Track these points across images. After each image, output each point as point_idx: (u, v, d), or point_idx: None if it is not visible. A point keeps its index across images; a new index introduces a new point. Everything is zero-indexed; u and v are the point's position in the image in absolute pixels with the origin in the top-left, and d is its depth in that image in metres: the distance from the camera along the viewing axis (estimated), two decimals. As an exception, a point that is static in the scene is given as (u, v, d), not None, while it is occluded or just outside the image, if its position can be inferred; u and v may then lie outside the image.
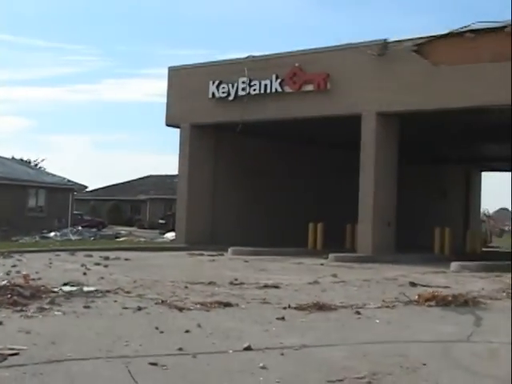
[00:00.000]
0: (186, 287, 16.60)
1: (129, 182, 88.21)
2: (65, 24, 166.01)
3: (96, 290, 15.22)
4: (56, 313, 12.24)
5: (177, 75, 35.83)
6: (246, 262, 26.09)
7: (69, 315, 12.06)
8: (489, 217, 75.36)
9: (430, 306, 14.63)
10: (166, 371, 8.25)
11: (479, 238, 43.82)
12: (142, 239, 43.03)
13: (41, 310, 12.32)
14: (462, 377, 8.60)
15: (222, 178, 36.04)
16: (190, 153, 35.04)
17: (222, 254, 29.42)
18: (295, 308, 13.64)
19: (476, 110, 27.89)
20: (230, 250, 30.44)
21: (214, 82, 33.41)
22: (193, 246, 32.53)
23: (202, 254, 29.16)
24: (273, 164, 38.17)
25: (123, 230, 54.73)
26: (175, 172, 37.40)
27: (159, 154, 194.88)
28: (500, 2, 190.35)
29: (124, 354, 8.96)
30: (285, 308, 13.63)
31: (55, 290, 14.86)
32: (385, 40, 29.19)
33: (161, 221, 63.91)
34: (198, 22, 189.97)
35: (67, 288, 15.22)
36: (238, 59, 34.07)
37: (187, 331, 10.80)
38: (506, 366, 9.22)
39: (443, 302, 14.85)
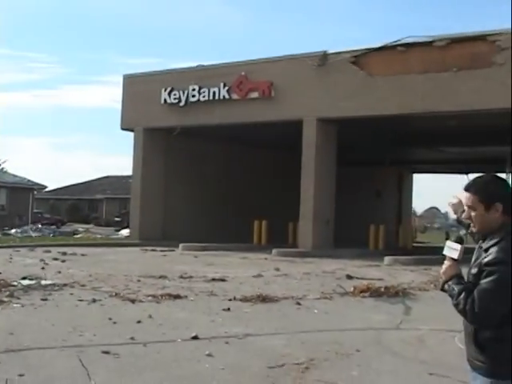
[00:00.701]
0: (139, 280, 16.55)
1: (87, 182, 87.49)
2: (28, 34, 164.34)
3: (53, 284, 15.11)
4: (15, 305, 12.14)
5: (131, 82, 35.66)
6: (196, 257, 26.01)
7: (27, 307, 11.97)
8: (415, 215, 76.21)
9: (365, 296, 14.78)
10: (118, 359, 8.23)
11: (410, 234, 44.32)
12: (99, 236, 42.68)
13: (0, 302, 12.22)
14: (392, 361, 8.71)
15: (174, 178, 35.91)
16: (143, 155, 34.93)
17: (173, 250, 29.28)
18: (240, 300, 13.70)
19: (407, 117, 28.14)
20: (180, 245, 30.34)
21: (165, 89, 33.29)
22: (146, 242, 32.36)
23: (154, 250, 28.99)
24: (221, 165, 38.15)
25: (81, 227, 54.15)
26: (130, 173, 37.21)
27: (115, 156, 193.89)
28: (429, 19, 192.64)
29: (78, 344, 8.92)
30: (230, 300, 13.68)
31: (14, 283, 14.74)
32: (324, 52, 29.31)
33: (116, 219, 63.59)
34: (151, 32, 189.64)
35: (26, 282, 15.10)
36: (188, 68, 34.04)
37: (139, 322, 10.79)
38: (431, 351, 9.35)
39: (376, 293, 15.02)
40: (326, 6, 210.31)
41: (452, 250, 3.94)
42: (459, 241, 3.97)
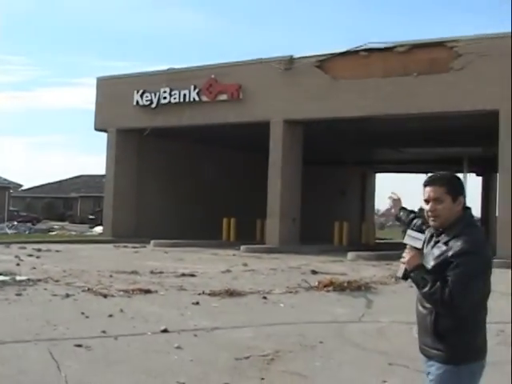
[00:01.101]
0: (111, 276, 16.46)
1: (61, 181, 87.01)
2: (5, 37, 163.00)
3: (28, 279, 14.98)
4: (-11, 300, 12.03)
5: (104, 85, 35.56)
6: (166, 253, 25.96)
7: (1, 302, 11.85)
8: (377, 213, 76.71)
9: (328, 291, 14.81)
10: (90, 352, 8.18)
11: (373, 231, 44.59)
12: (73, 233, 42.49)
13: (-25, 298, 12.12)
14: (353, 352, 8.74)
15: (146, 177, 35.88)
16: (116, 154, 34.87)
17: (145, 246, 29.26)
18: (209, 294, 13.66)
19: (370, 118, 28.29)
20: (151, 242, 30.31)
21: (138, 91, 33.23)
22: (118, 238, 32.29)
23: (126, 246, 28.95)
24: (192, 165, 38.07)
25: (56, 224, 53.88)
26: (104, 172, 37.07)
27: (89, 156, 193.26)
28: (390, 25, 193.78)
29: (52, 337, 8.86)
30: (199, 294, 13.64)
31: (-11, 279, 14.61)
32: (291, 56, 29.43)
33: (90, 216, 63.31)
34: (124, 36, 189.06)
35: (0, 278, 14.94)
36: (159, 71, 33.94)
37: (110, 315, 10.73)
38: (391, 343, 9.39)
39: (340, 288, 15.05)
40: (292, 12, 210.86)
41: (414, 239, 3.97)
42: (420, 230, 4.02)
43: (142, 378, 7.06)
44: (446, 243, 3.86)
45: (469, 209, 4.03)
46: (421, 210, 4.26)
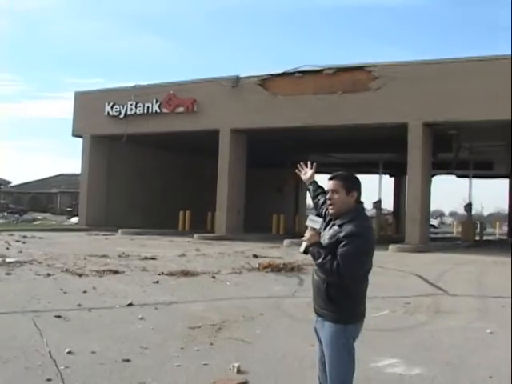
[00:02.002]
0: (85, 259, 16.32)
1: (44, 178, 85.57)
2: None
3: (16, 261, 14.80)
4: (-17, 279, 11.88)
5: (81, 98, 35.21)
6: (132, 240, 25.76)
7: (-7, 280, 11.72)
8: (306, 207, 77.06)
9: (267, 271, 14.87)
10: (68, 322, 8.15)
11: (305, 221, 44.71)
12: (53, 222, 41.93)
13: (-30, 277, 11.96)
14: (288, 322, 8.84)
15: (115, 176, 35.64)
16: (89, 156, 34.55)
17: (114, 234, 28.98)
18: (167, 274, 13.64)
19: (303, 128, 28.46)
20: (119, 231, 30.04)
21: (109, 104, 32.92)
22: (91, 227, 32.03)
23: (98, 234, 28.63)
24: (154, 166, 37.92)
25: (39, 215, 52.87)
26: (80, 171, 36.69)
27: (68, 158, 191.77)
28: (321, 50, 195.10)
29: (36, 309, 8.80)
30: (159, 274, 13.61)
31: (-17, 261, 14.41)
32: (237, 76, 29.46)
33: (68, 209, 62.31)
34: (96, 57, 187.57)
35: (-7, 259, 14.76)
36: (127, 87, 33.62)
37: (85, 292, 10.68)
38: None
39: (277, 269, 15.14)
40: (238, 38, 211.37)
41: (314, 221, 4.16)
42: (319, 215, 4.28)
43: (111, 343, 7.06)
44: (340, 226, 4.05)
45: (361, 202, 4.24)
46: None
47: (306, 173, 4.99)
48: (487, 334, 8.34)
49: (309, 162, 5.07)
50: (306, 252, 4.16)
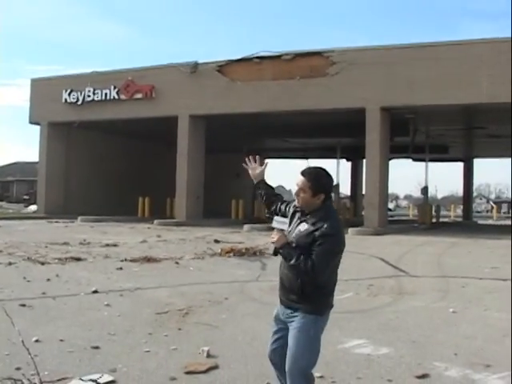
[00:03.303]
0: (46, 247, 16.11)
1: (0, 167, 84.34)
2: None
3: (-26, 251, 14.55)
4: None
5: (37, 85, 34.77)
6: (92, 227, 25.54)
7: (-47, 271, 11.46)
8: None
9: (230, 256, 14.91)
10: (33, 310, 8.04)
11: (263, 206, 44.86)
12: (11, 211, 41.29)
13: None
14: (253, 306, 8.85)
15: (73, 163, 35.32)
16: (47, 144, 34.19)
17: (73, 222, 28.69)
18: (130, 260, 13.56)
19: (261, 114, 28.49)
20: (79, 218, 29.76)
21: (66, 91, 32.57)
22: (50, 215, 31.69)
23: (57, 222, 28.32)
24: (113, 152, 37.58)
25: (-5, 204, 52.19)
26: (37, 159, 36.17)
27: (25, 145, 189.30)
28: (281, 37, 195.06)
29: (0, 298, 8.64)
30: (122, 261, 13.52)
31: None
32: (195, 61, 29.30)
33: (25, 197, 61.54)
34: (54, 44, 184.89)
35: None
36: (84, 73, 33.27)
37: (48, 280, 10.55)
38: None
39: (239, 254, 15.19)
40: (196, 24, 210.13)
41: (280, 223, 4.13)
42: (285, 216, 4.24)
43: (78, 330, 6.97)
44: (312, 224, 4.02)
45: (330, 198, 4.20)
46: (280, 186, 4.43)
47: (255, 168, 4.75)
48: (450, 313, 8.47)
49: (258, 157, 4.82)
50: (275, 254, 4.15)
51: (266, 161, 4.79)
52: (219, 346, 6.41)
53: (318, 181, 4.12)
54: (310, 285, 4.04)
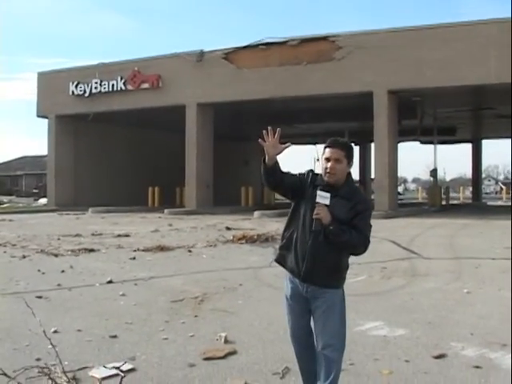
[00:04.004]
0: (59, 239, 16.14)
1: (7, 161, 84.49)
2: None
3: (-11, 245, 14.62)
4: (-41, 263, 11.66)
5: (44, 78, 34.88)
6: (103, 218, 25.63)
7: (-32, 264, 11.52)
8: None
9: (242, 243, 14.95)
10: (49, 301, 8.08)
11: (273, 193, 45.00)
12: (21, 205, 41.40)
13: None
14: (268, 291, 8.86)
15: (82, 155, 35.43)
16: (55, 137, 34.37)
17: (84, 213, 28.80)
18: (143, 250, 13.59)
19: (268, 100, 28.45)
20: (89, 209, 29.88)
21: (73, 83, 32.70)
22: (61, 208, 31.79)
23: (68, 214, 28.42)
24: (122, 144, 37.66)
25: (5, 198, 52.19)
26: (45, 152, 36.32)
27: (33, 139, 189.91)
28: (285, 23, 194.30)
29: (16, 291, 8.68)
30: (135, 251, 13.55)
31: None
32: (201, 50, 29.27)
33: (34, 190, 61.80)
34: (57, 37, 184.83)
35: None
36: (91, 65, 33.32)
37: (63, 271, 10.59)
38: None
39: (251, 240, 15.22)
40: (201, 13, 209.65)
41: (323, 198, 3.96)
42: (327, 190, 4.01)
43: (95, 320, 7.01)
44: (348, 199, 3.98)
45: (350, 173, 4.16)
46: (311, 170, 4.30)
47: (275, 146, 4.13)
48: (464, 294, 8.48)
49: (279, 130, 4.24)
50: (317, 231, 3.97)
51: (279, 129, 4.23)
52: (236, 332, 6.43)
53: (350, 148, 4.11)
54: (346, 260, 4.09)
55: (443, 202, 36.29)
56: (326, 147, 4.11)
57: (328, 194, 3.97)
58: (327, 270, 4.02)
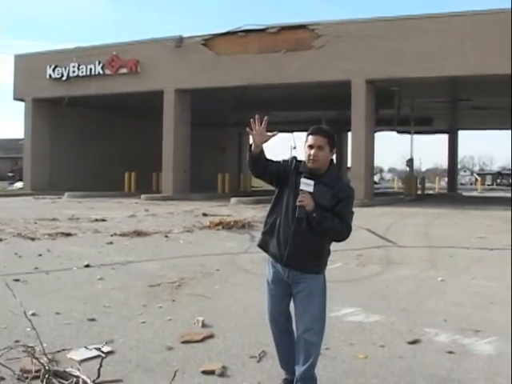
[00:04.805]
0: (35, 223, 16.06)
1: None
2: None
3: (-36, 228, 14.49)
4: None
5: (21, 61, 34.52)
6: (79, 202, 25.51)
7: None
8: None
9: (219, 229, 14.98)
10: (27, 284, 8.07)
11: (249, 180, 45.18)
12: (-5, 188, 41.14)
13: None
14: (245, 277, 8.94)
15: (59, 139, 35.14)
16: (32, 120, 34.05)
17: (60, 198, 28.61)
18: (120, 235, 13.60)
19: (246, 87, 28.44)
20: (66, 194, 29.72)
21: (50, 66, 32.36)
22: (37, 192, 31.56)
23: (44, 198, 28.22)
24: (99, 128, 37.37)
25: (-22, 182, 51.76)
26: (22, 136, 36.00)
27: (9, 122, 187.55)
28: (264, 10, 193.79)
29: (-8, 274, 8.67)
30: (112, 235, 13.56)
31: None
32: (180, 36, 29.16)
33: (10, 174, 61.24)
34: (33, 19, 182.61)
35: None
36: (69, 49, 33.00)
37: (40, 255, 10.57)
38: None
39: (228, 226, 15.25)
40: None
41: (307, 185, 4.00)
42: (310, 177, 4.06)
43: (73, 303, 7.03)
44: (331, 186, 4.04)
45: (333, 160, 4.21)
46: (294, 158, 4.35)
47: (262, 135, 4.15)
48: (438, 282, 8.62)
49: (266, 119, 4.26)
50: (300, 217, 4.01)
51: (266, 117, 4.26)
52: (213, 316, 6.49)
53: (333, 135, 4.14)
54: (328, 246, 4.15)
55: (419, 192, 36.59)
56: (308, 134, 4.15)
57: (312, 182, 4.01)
58: (309, 255, 4.09)
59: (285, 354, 4.41)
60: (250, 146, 4.16)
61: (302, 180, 4.03)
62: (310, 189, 4.00)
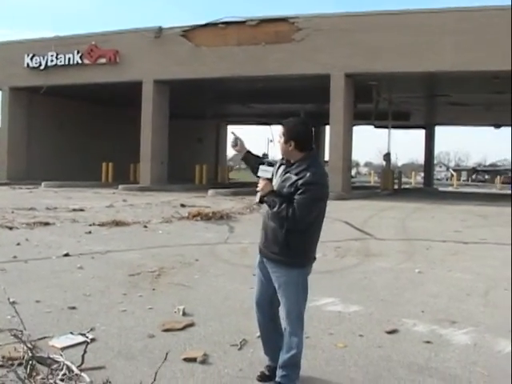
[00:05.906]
0: (13, 212, 15.87)
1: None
2: None
3: None
4: None
5: (-2, 49, 34.06)
6: (56, 192, 25.30)
7: None
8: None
9: (197, 220, 14.97)
10: (6, 273, 8.03)
11: (226, 172, 45.25)
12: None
13: None
14: (224, 267, 8.99)
15: (36, 129, 34.80)
16: (9, 109, 33.57)
17: (37, 187, 28.39)
18: (98, 225, 13.55)
19: (225, 79, 28.41)
20: (43, 184, 29.49)
21: (28, 55, 31.96)
22: (13, 181, 31.26)
23: (21, 188, 27.95)
24: (76, 118, 37.04)
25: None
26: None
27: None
28: (244, 2, 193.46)
29: (-29, 262, 8.62)
30: (90, 225, 13.51)
31: None
32: (160, 27, 29.01)
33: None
34: (15, 7, 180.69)
35: None
36: (47, 38, 32.64)
37: (18, 244, 10.52)
38: (253, 258, 9.69)
39: (206, 217, 15.25)
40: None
41: (265, 171, 4.23)
42: (271, 165, 4.30)
43: (53, 292, 7.03)
44: (296, 174, 4.08)
45: (313, 149, 4.25)
46: (264, 154, 4.55)
47: (241, 148, 4.64)
48: (416, 274, 8.73)
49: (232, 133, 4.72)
50: (261, 202, 4.20)
51: (231, 130, 4.87)
52: (194, 305, 6.53)
53: (290, 128, 4.23)
54: (295, 235, 4.10)
55: (395, 186, 36.85)
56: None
57: (270, 168, 4.25)
58: (277, 245, 4.16)
59: (268, 341, 4.49)
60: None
61: (261, 167, 4.27)
62: (268, 175, 4.22)
